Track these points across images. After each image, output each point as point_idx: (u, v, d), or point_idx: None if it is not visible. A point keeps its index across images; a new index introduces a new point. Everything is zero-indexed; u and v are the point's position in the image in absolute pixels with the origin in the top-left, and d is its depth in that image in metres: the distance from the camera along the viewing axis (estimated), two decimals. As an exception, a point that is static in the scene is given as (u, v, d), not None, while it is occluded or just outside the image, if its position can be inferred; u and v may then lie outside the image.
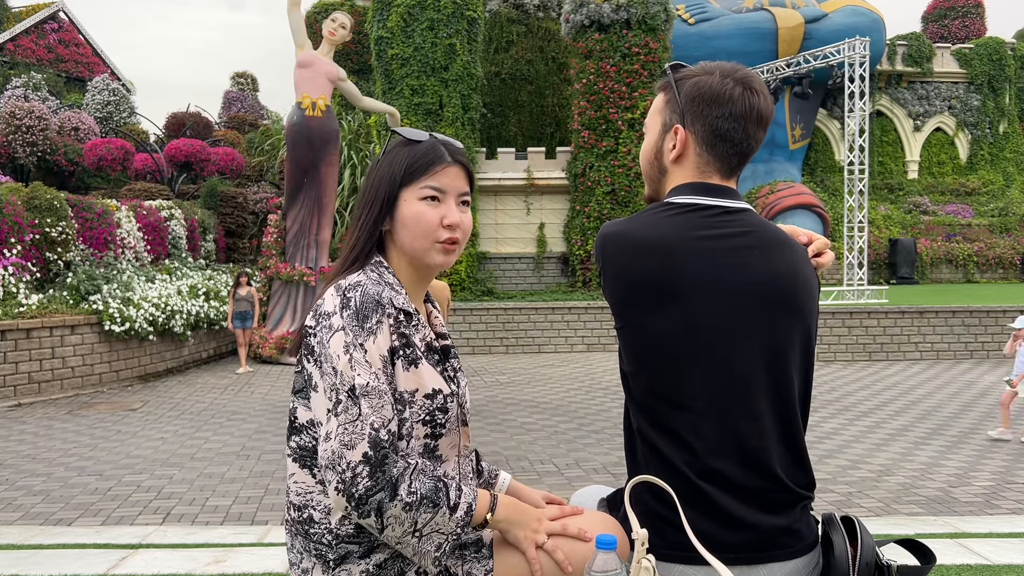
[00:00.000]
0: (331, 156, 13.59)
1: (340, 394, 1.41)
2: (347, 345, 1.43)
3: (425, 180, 1.55)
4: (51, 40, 28.85)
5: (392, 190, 1.56)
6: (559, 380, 11.10)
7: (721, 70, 1.59)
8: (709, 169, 1.61)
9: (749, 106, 1.55)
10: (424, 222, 1.54)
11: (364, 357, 1.43)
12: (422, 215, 1.54)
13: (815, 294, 1.61)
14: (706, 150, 1.59)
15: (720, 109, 1.56)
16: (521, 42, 21.35)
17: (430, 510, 1.37)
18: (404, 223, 1.55)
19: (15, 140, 19.88)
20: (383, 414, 1.41)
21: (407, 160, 1.56)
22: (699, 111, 1.58)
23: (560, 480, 5.82)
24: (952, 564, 3.81)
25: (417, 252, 1.56)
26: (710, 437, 1.51)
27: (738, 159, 1.61)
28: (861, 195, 16.83)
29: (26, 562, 3.94)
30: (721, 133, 1.57)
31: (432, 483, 1.40)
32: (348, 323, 1.44)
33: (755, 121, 1.57)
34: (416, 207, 1.55)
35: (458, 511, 1.39)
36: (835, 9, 21.72)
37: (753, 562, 1.48)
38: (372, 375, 1.42)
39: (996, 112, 24.78)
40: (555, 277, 18.49)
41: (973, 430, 7.70)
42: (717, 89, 1.56)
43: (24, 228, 10.41)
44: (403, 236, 1.56)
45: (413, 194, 1.55)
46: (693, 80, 1.60)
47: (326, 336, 1.46)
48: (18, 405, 9.17)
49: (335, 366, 1.43)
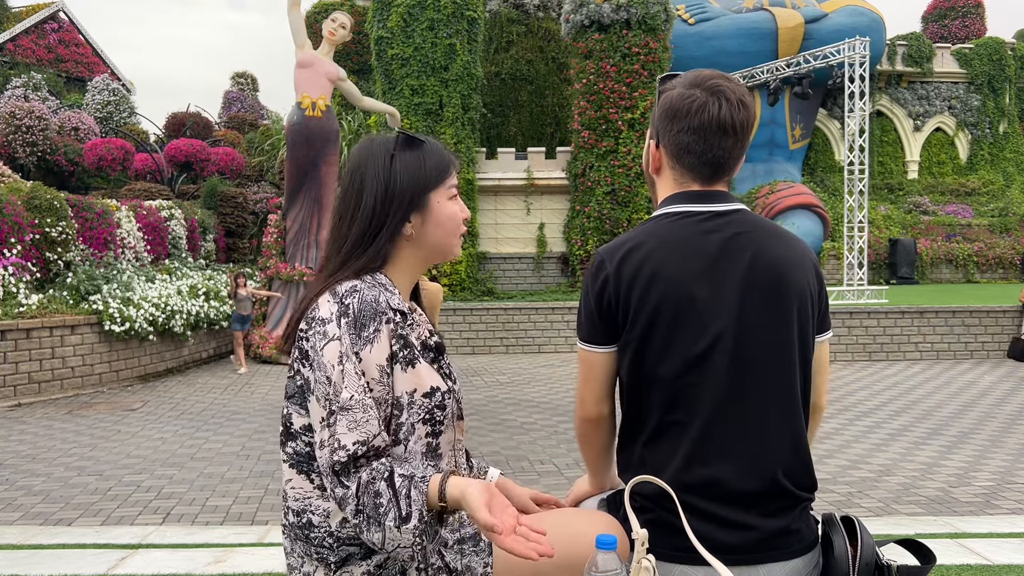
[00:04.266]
0: (331, 156, 13.59)
1: (333, 405, 1.42)
2: (342, 355, 1.43)
3: (449, 181, 1.63)
4: (51, 40, 28.84)
5: (422, 193, 1.60)
6: (559, 380, 11.09)
7: (690, 81, 1.60)
8: (685, 179, 1.63)
9: (708, 117, 1.55)
10: (457, 220, 1.64)
11: (356, 368, 1.43)
12: (456, 214, 1.63)
13: (814, 288, 1.61)
14: (676, 163, 1.63)
15: (680, 123, 1.58)
16: (521, 42, 21.35)
17: (377, 528, 1.36)
18: (439, 222, 1.61)
19: (15, 140, 19.88)
20: (367, 429, 1.41)
21: (435, 163, 1.61)
22: (666, 126, 1.62)
23: (560, 480, 5.82)
24: (952, 564, 3.81)
25: (444, 248, 1.64)
26: (711, 439, 1.51)
27: (710, 169, 1.60)
28: (861, 195, 16.83)
29: (26, 562, 3.94)
30: (683, 146, 1.60)
31: (381, 499, 1.36)
32: (345, 332, 1.45)
33: (717, 131, 1.56)
34: (450, 207, 1.62)
35: (410, 521, 1.35)
36: (835, 9, 21.70)
37: (753, 562, 1.49)
38: (360, 387, 1.42)
39: (996, 112, 24.77)
40: (555, 277, 18.49)
41: (973, 430, 7.70)
42: (677, 103, 1.58)
43: (24, 228, 10.41)
44: (437, 234, 1.62)
45: (442, 195, 1.61)
46: (666, 94, 1.63)
47: (320, 343, 1.46)
48: (18, 405, 9.17)
49: (329, 375, 1.43)
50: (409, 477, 1.38)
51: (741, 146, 1.60)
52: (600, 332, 1.60)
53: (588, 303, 1.61)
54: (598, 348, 1.61)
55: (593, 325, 1.60)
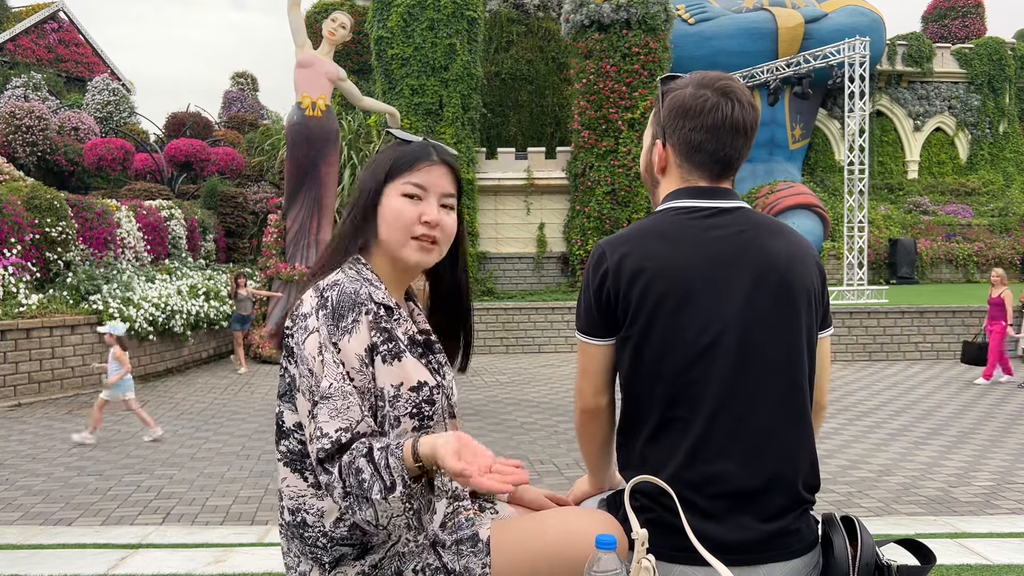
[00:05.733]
0: (331, 156, 13.59)
1: (316, 396, 1.41)
2: (320, 346, 1.43)
3: (408, 176, 1.56)
4: (51, 40, 28.83)
5: (377, 186, 1.57)
6: (559, 380, 11.09)
7: (699, 81, 1.61)
8: (693, 176, 1.64)
9: (721, 116, 1.57)
10: (402, 217, 1.54)
11: (335, 357, 1.42)
12: (400, 210, 1.54)
13: (817, 285, 1.61)
14: (684, 161, 1.64)
15: (692, 122, 1.59)
16: (521, 42, 21.35)
17: (367, 504, 1.33)
18: (383, 217, 1.56)
19: (15, 140, 19.87)
20: (349, 415, 1.40)
21: (393, 157, 1.58)
22: (675, 125, 1.62)
23: (560, 480, 5.82)
24: (952, 564, 3.81)
25: (393, 247, 1.56)
26: (713, 436, 1.50)
27: (719, 167, 1.62)
28: (861, 195, 16.83)
29: (26, 562, 3.94)
30: (695, 144, 1.61)
31: (364, 474, 1.33)
32: (323, 323, 1.44)
33: (729, 131, 1.58)
34: (396, 202, 1.55)
35: (396, 489, 1.32)
36: (835, 9, 21.70)
37: (753, 562, 1.48)
38: (339, 376, 1.41)
39: (996, 112, 24.77)
40: (555, 277, 18.49)
41: (973, 430, 7.70)
42: (690, 102, 1.59)
43: (24, 228, 10.41)
44: (381, 230, 1.56)
45: (395, 189, 1.56)
46: (673, 94, 1.64)
47: (302, 337, 1.46)
48: (18, 405, 9.17)
49: (311, 368, 1.43)
50: (385, 447, 1.35)
51: (749, 146, 1.62)
52: (599, 325, 1.60)
53: (588, 296, 1.61)
54: (597, 340, 1.61)
55: (592, 318, 1.60)
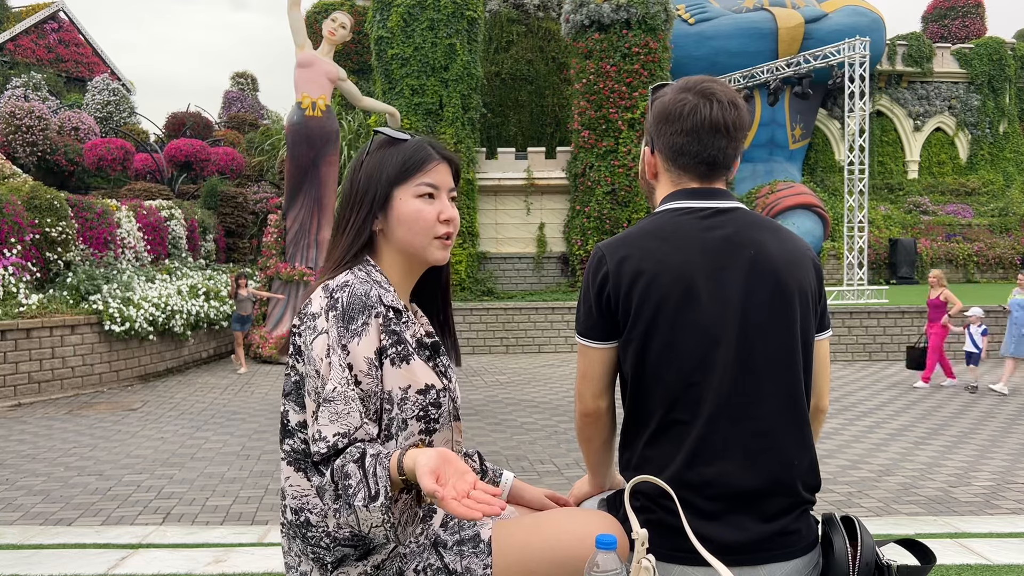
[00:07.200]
0: (331, 156, 13.60)
1: (320, 398, 1.41)
2: (329, 348, 1.42)
3: (420, 177, 1.57)
4: (51, 40, 28.84)
5: (385, 189, 1.57)
6: (559, 380, 11.09)
7: (681, 86, 1.64)
8: (683, 179, 1.66)
9: (700, 118, 1.58)
10: (423, 219, 1.56)
11: (343, 360, 1.42)
12: (421, 212, 1.56)
13: (814, 286, 1.61)
14: (672, 165, 1.66)
15: (673, 126, 1.62)
16: (521, 42, 21.35)
17: (349, 510, 1.32)
18: (402, 220, 1.56)
19: (15, 140, 19.87)
20: (348, 421, 1.39)
21: (400, 159, 1.58)
22: (659, 130, 1.65)
23: (560, 480, 5.82)
24: (952, 564, 3.81)
25: (416, 249, 1.58)
26: (714, 437, 1.50)
27: (706, 167, 1.63)
28: (861, 195, 16.83)
29: (26, 562, 3.94)
30: (678, 148, 1.63)
31: (351, 480, 1.32)
32: (333, 324, 1.44)
33: (709, 131, 1.59)
34: (414, 204, 1.56)
35: (379, 498, 1.30)
36: (835, 9, 21.71)
37: (753, 563, 1.48)
38: (344, 380, 1.41)
39: (996, 112, 24.77)
40: (555, 277, 18.49)
41: (973, 430, 7.70)
42: (670, 107, 1.62)
43: (24, 228, 10.41)
44: (401, 233, 1.57)
45: (409, 192, 1.57)
46: (657, 102, 1.67)
47: (310, 338, 1.46)
48: (18, 405, 9.17)
49: (318, 369, 1.43)
50: (376, 455, 1.34)
51: (735, 145, 1.62)
52: (599, 328, 1.60)
53: (588, 299, 1.61)
54: (597, 344, 1.61)
55: (592, 321, 1.60)
